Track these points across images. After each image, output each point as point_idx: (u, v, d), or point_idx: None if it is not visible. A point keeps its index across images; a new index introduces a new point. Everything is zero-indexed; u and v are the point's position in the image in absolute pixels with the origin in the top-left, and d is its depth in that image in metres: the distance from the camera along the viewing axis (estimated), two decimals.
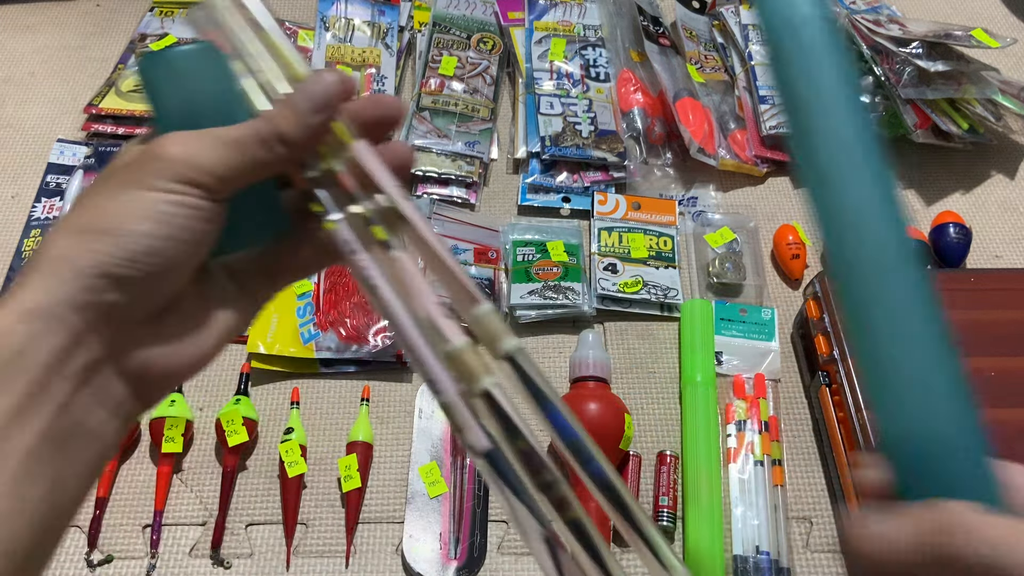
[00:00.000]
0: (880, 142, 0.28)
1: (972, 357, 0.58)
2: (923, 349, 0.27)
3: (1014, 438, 0.55)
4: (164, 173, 0.27)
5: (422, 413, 0.62)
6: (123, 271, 0.26)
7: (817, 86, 0.27)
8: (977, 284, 0.63)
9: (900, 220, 0.27)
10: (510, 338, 0.29)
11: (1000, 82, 0.78)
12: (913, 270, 0.27)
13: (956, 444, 0.26)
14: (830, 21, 0.28)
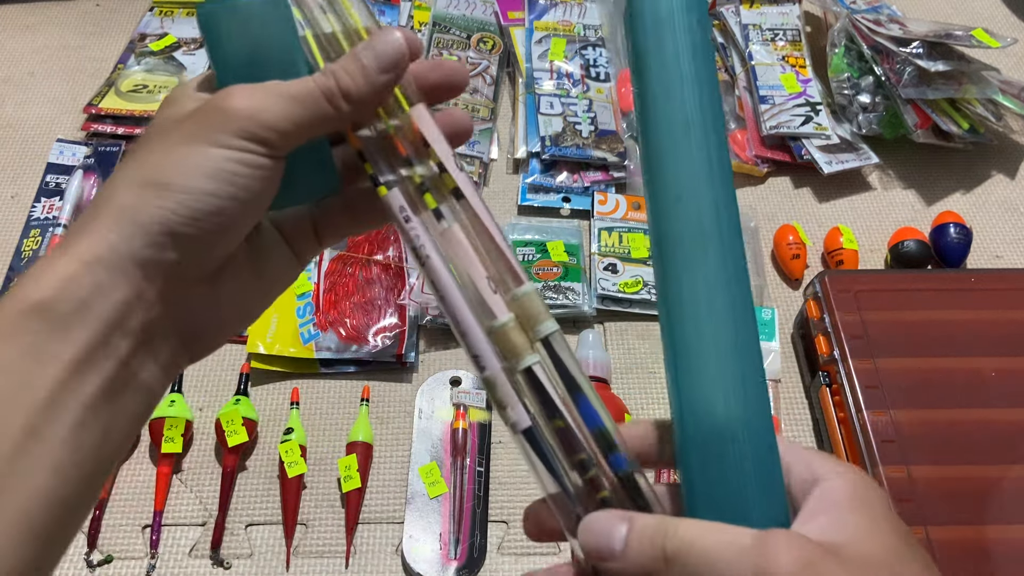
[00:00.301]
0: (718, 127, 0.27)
1: (973, 357, 0.59)
2: (715, 332, 0.27)
3: (1015, 438, 0.55)
4: (229, 128, 0.26)
5: (422, 413, 0.62)
6: (186, 229, 0.26)
7: (661, 58, 0.27)
8: (977, 284, 0.63)
9: (718, 205, 0.27)
10: (549, 321, 0.29)
11: (1000, 82, 0.78)
12: (720, 258, 0.27)
13: (738, 428, 0.26)
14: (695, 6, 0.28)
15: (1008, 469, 0.54)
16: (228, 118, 0.26)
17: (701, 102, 0.27)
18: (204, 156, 0.26)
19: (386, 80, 0.28)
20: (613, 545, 0.26)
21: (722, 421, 0.26)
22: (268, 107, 0.26)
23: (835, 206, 0.78)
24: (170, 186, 0.25)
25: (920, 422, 0.56)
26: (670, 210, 0.27)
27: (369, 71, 0.28)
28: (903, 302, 0.62)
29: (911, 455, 0.55)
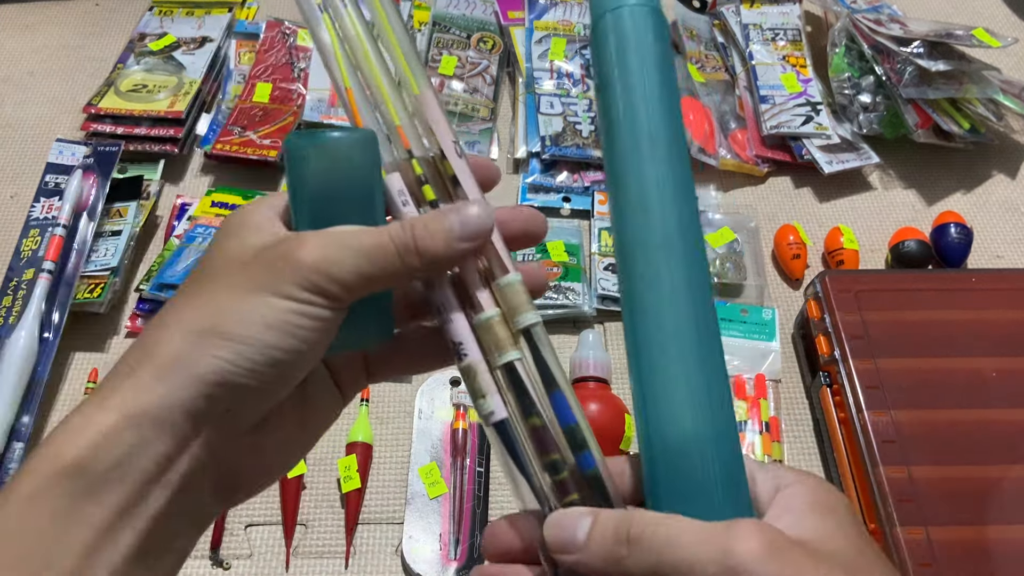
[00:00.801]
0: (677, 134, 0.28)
1: (973, 357, 0.58)
2: (678, 347, 0.26)
3: (1015, 439, 0.55)
4: (296, 279, 0.25)
5: (422, 413, 0.62)
6: (243, 380, 0.25)
7: (625, 77, 0.28)
8: (978, 284, 0.63)
9: (680, 215, 0.27)
10: (530, 313, 0.28)
11: (1001, 82, 0.78)
12: (684, 269, 0.27)
13: (705, 438, 0.26)
14: (654, 11, 0.28)
15: (1009, 469, 0.54)
16: (296, 269, 0.25)
17: (664, 117, 0.28)
18: (268, 307, 0.25)
19: (465, 249, 0.27)
20: (577, 536, 0.25)
21: (688, 432, 0.26)
22: (338, 260, 0.26)
23: (836, 206, 0.77)
24: (230, 336, 0.25)
25: (921, 422, 0.56)
26: (634, 221, 0.27)
27: (452, 236, 0.27)
28: (904, 302, 0.62)
29: (912, 455, 0.54)
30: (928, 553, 0.51)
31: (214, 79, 0.82)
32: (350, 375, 0.31)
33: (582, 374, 0.62)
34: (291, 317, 0.25)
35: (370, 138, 0.28)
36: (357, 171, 0.28)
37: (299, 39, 0.85)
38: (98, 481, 0.23)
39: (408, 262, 0.26)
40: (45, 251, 0.67)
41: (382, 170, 0.29)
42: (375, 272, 0.26)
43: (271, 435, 0.28)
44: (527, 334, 0.28)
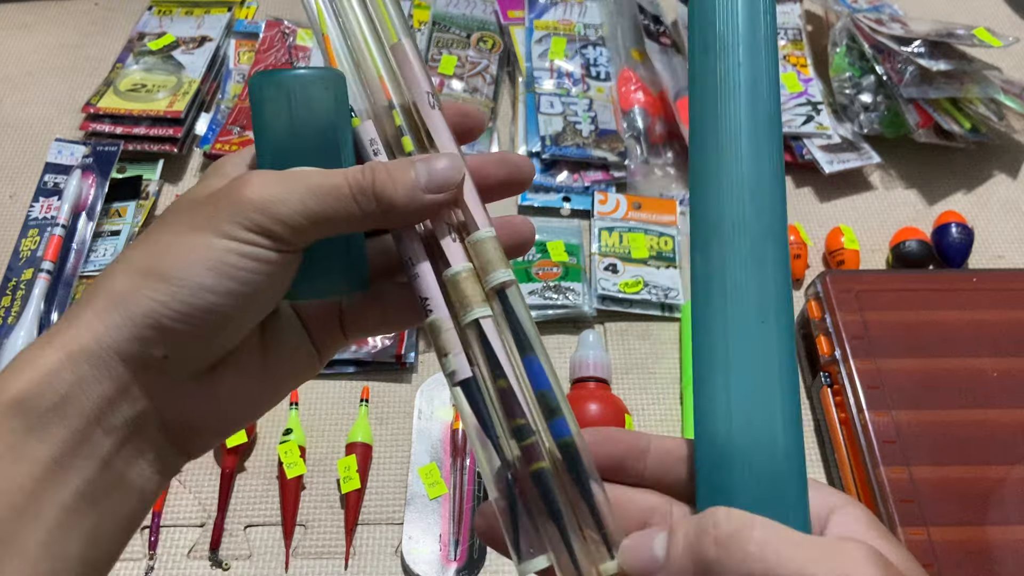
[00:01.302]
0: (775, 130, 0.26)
1: (974, 357, 0.58)
2: (775, 348, 0.25)
3: (1017, 439, 0.55)
4: (238, 218, 0.24)
5: (421, 414, 0.62)
6: (176, 325, 0.24)
7: (753, 44, 0.26)
8: (979, 284, 0.63)
9: (784, 204, 0.26)
10: (503, 269, 0.27)
11: (1002, 81, 0.78)
12: (779, 259, 0.26)
13: (785, 448, 0.25)
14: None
15: (1010, 470, 0.54)
16: (238, 207, 0.24)
17: (777, 98, 0.26)
18: (207, 247, 0.24)
19: (430, 201, 0.26)
20: (656, 553, 0.23)
21: (766, 445, 0.25)
22: (283, 198, 0.24)
23: (836, 206, 0.77)
24: (166, 276, 0.24)
25: (922, 422, 0.56)
26: (741, 204, 0.25)
27: (416, 186, 0.25)
28: (905, 302, 0.61)
29: (913, 456, 0.54)
30: (929, 553, 0.51)
31: (213, 78, 0.82)
32: (324, 329, 0.30)
33: (582, 374, 0.61)
34: (231, 258, 0.24)
35: (333, 77, 0.27)
36: (319, 111, 0.27)
37: (298, 39, 0.85)
38: (41, 418, 0.23)
39: (364, 207, 0.25)
40: (44, 251, 0.67)
41: (352, 115, 0.27)
42: (325, 213, 0.25)
43: (224, 383, 0.27)
44: (500, 294, 0.27)
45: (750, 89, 0.26)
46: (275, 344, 0.28)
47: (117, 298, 0.24)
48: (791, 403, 0.25)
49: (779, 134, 0.26)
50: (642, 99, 0.80)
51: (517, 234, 0.29)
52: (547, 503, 0.26)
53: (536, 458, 0.26)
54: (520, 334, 0.27)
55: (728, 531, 0.22)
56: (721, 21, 0.26)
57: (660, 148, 0.79)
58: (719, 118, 0.26)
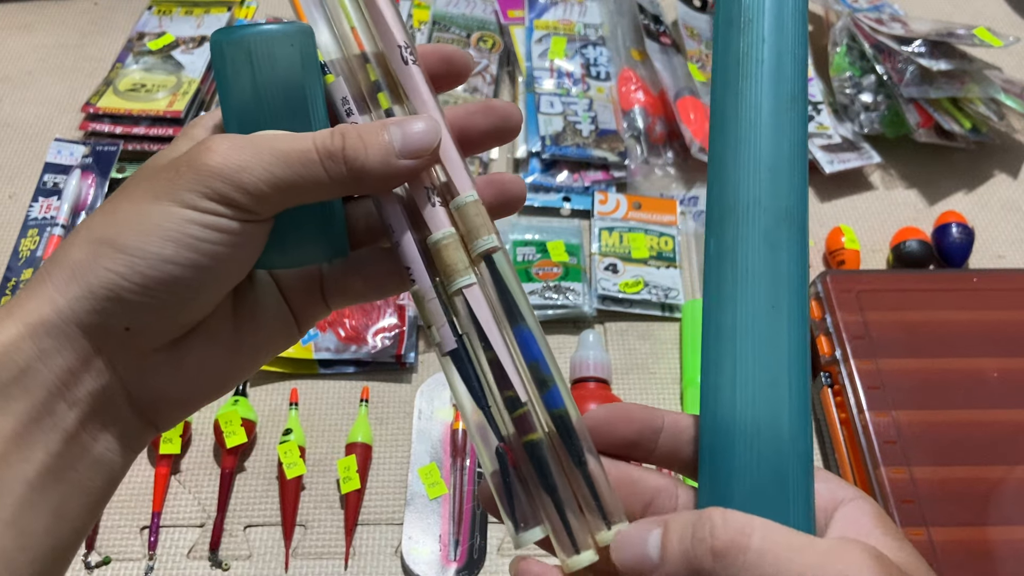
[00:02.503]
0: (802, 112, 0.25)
1: (975, 358, 0.58)
2: (784, 332, 0.24)
3: (1017, 439, 0.55)
4: (198, 186, 0.23)
5: (421, 414, 0.62)
6: (135, 297, 0.23)
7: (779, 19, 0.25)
8: (980, 284, 0.63)
9: (804, 187, 0.25)
10: (488, 236, 0.26)
11: (1003, 81, 0.78)
12: (798, 243, 0.25)
13: (792, 432, 0.24)
14: None
15: (1010, 470, 0.54)
16: (199, 175, 0.23)
17: (804, 76, 0.25)
18: (166, 216, 0.23)
19: (405, 167, 0.24)
20: (649, 552, 0.23)
21: (772, 422, 0.24)
22: (247, 165, 0.23)
23: (837, 206, 0.77)
24: (124, 247, 0.23)
25: (922, 423, 0.56)
26: (760, 184, 0.25)
27: (389, 150, 0.24)
28: (905, 302, 0.61)
29: (913, 456, 0.54)
30: (930, 554, 0.51)
31: (213, 78, 0.82)
32: (304, 298, 0.29)
33: (582, 374, 0.61)
34: (191, 228, 0.23)
35: (296, 31, 0.25)
36: (284, 69, 0.25)
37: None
38: (1, 391, 0.22)
39: (333, 173, 0.24)
40: (43, 251, 0.67)
41: (325, 72, 0.26)
42: (291, 180, 0.23)
43: (192, 355, 0.26)
44: (487, 260, 0.26)
45: (774, 66, 0.25)
46: (249, 314, 0.27)
47: (76, 269, 0.23)
48: (799, 389, 0.25)
49: (803, 114, 0.25)
50: (642, 99, 0.80)
51: (506, 192, 0.28)
52: (541, 475, 0.25)
53: (528, 430, 0.25)
54: (510, 302, 0.26)
55: (725, 540, 0.21)
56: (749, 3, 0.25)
57: (660, 148, 0.79)
58: (739, 95, 0.25)
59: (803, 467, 0.24)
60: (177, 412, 0.27)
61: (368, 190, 0.26)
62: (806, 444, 0.25)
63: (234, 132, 0.25)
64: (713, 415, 0.25)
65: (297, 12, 0.27)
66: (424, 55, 0.27)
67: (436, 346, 0.26)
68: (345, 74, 0.27)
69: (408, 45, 0.26)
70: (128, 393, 0.25)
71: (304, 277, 0.29)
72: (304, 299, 0.29)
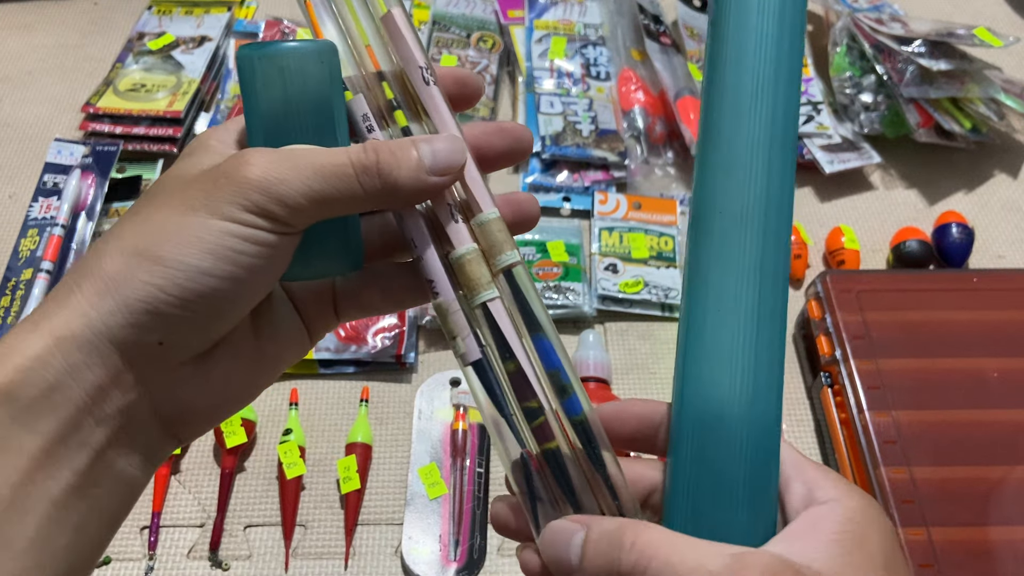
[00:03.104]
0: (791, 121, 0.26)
1: (975, 358, 0.58)
2: (738, 312, 0.25)
3: (1017, 439, 0.55)
4: (238, 199, 0.23)
5: (421, 414, 0.62)
6: (174, 311, 0.23)
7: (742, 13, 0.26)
8: (980, 284, 0.63)
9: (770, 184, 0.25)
10: (510, 252, 0.27)
11: (1003, 81, 0.78)
12: (760, 241, 0.25)
13: (745, 418, 0.25)
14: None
15: (1010, 470, 0.54)
16: (239, 187, 0.23)
17: (777, 69, 0.25)
18: (205, 229, 0.23)
19: (434, 184, 0.25)
20: (570, 557, 0.24)
21: (729, 408, 0.25)
22: (286, 178, 0.23)
23: (837, 206, 0.77)
24: (162, 259, 0.23)
25: (922, 423, 0.56)
26: (717, 180, 0.25)
27: (420, 166, 0.25)
28: (905, 302, 0.61)
29: (913, 456, 0.54)
30: (930, 554, 0.51)
31: (213, 78, 0.82)
32: (316, 310, 0.29)
33: (582, 374, 0.61)
34: (230, 241, 0.23)
35: (325, 48, 0.26)
36: (312, 85, 0.26)
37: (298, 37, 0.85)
38: (29, 408, 0.22)
39: (368, 187, 0.24)
40: (43, 251, 0.67)
41: (344, 88, 0.27)
42: (329, 194, 0.24)
43: (218, 368, 0.26)
44: (507, 274, 0.27)
45: (735, 63, 0.26)
46: (267, 326, 0.27)
47: (110, 282, 0.23)
48: (766, 381, 0.25)
49: (771, 108, 0.25)
50: (642, 99, 0.80)
51: (522, 211, 0.29)
52: (561, 482, 0.26)
53: (548, 438, 0.26)
54: (529, 314, 0.27)
55: (631, 562, 0.23)
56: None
57: (660, 148, 0.79)
58: (708, 96, 0.26)
59: (764, 457, 0.25)
60: (203, 424, 0.27)
61: (397, 205, 0.26)
62: (770, 437, 0.25)
63: (259, 145, 0.25)
64: (679, 401, 0.26)
65: (315, 30, 0.28)
66: (440, 77, 0.28)
67: (460, 356, 0.27)
68: (364, 91, 0.27)
69: (428, 66, 0.27)
70: (155, 408, 0.25)
71: (317, 291, 0.29)
72: (316, 310, 0.29)
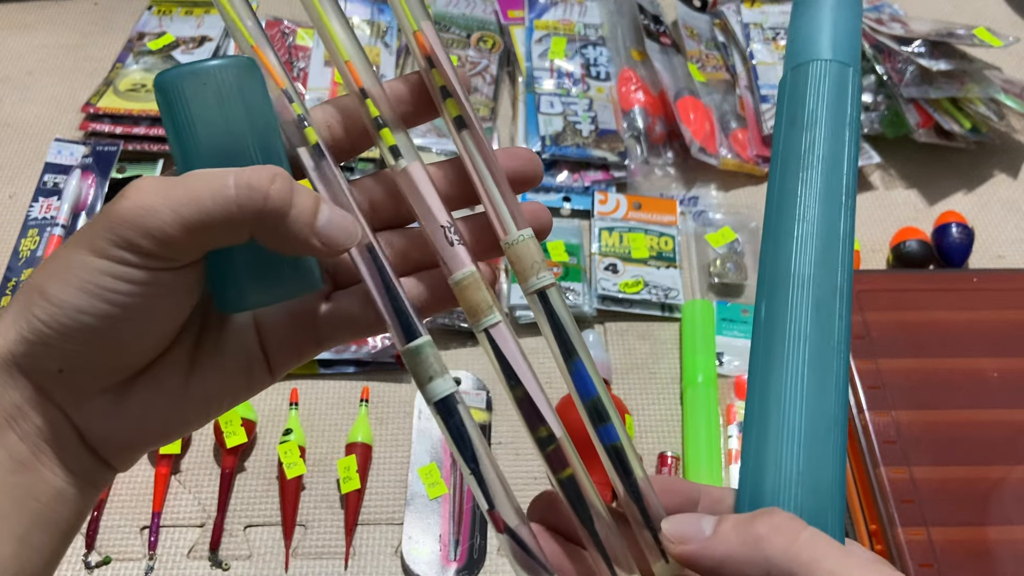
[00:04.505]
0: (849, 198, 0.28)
1: (975, 358, 0.58)
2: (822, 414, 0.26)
3: (1017, 439, 0.55)
4: (109, 234, 0.22)
5: (421, 414, 0.62)
6: (61, 343, 0.23)
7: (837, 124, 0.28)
8: (980, 284, 0.63)
9: (850, 272, 0.28)
10: (543, 273, 0.26)
11: (1003, 81, 0.78)
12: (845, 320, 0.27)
13: (822, 494, 0.25)
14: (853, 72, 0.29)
15: (1010, 470, 0.54)
16: (110, 221, 0.22)
17: (855, 173, 0.29)
18: (82, 266, 0.22)
19: (315, 247, 0.23)
20: (703, 527, 0.24)
21: (815, 476, 0.25)
22: (154, 208, 0.22)
23: None
24: (47, 295, 0.23)
25: (922, 423, 0.56)
26: (813, 267, 0.27)
27: (312, 221, 0.23)
28: (905, 302, 0.61)
29: (913, 456, 0.54)
30: (929, 554, 0.51)
31: None
32: (288, 339, 0.27)
33: None
34: (101, 279, 0.22)
35: (233, 65, 0.24)
36: (223, 107, 0.24)
37: (298, 38, 0.85)
38: None
39: (246, 209, 0.22)
40: (44, 251, 0.67)
41: (272, 110, 0.25)
42: (202, 220, 0.22)
43: (135, 400, 0.25)
44: (543, 296, 0.26)
45: (830, 163, 0.28)
46: (207, 362, 0.26)
47: (15, 313, 0.23)
48: (839, 448, 0.26)
49: (853, 206, 0.28)
50: (642, 99, 0.80)
51: (536, 220, 0.28)
52: (578, 509, 0.26)
53: (564, 465, 0.26)
54: (565, 338, 0.26)
55: (779, 522, 0.23)
56: (811, 98, 0.29)
57: (660, 148, 0.79)
58: (800, 183, 0.28)
59: (839, 523, 0.26)
60: (128, 453, 0.26)
61: (281, 247, 0.24)
62: (842, 502, 0.26)
63: (180, 171, 0.24)
64: (757, 468, 0.26)
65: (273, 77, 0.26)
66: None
67: (433, 405, 0.25)
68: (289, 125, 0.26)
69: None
70: (78, 431, 0.25)
71: (294, 315, 0.27)
72: (288, 339, 0.27)
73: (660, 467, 0.60)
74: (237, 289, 0.25)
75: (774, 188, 0.29)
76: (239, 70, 0.24)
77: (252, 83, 0.25)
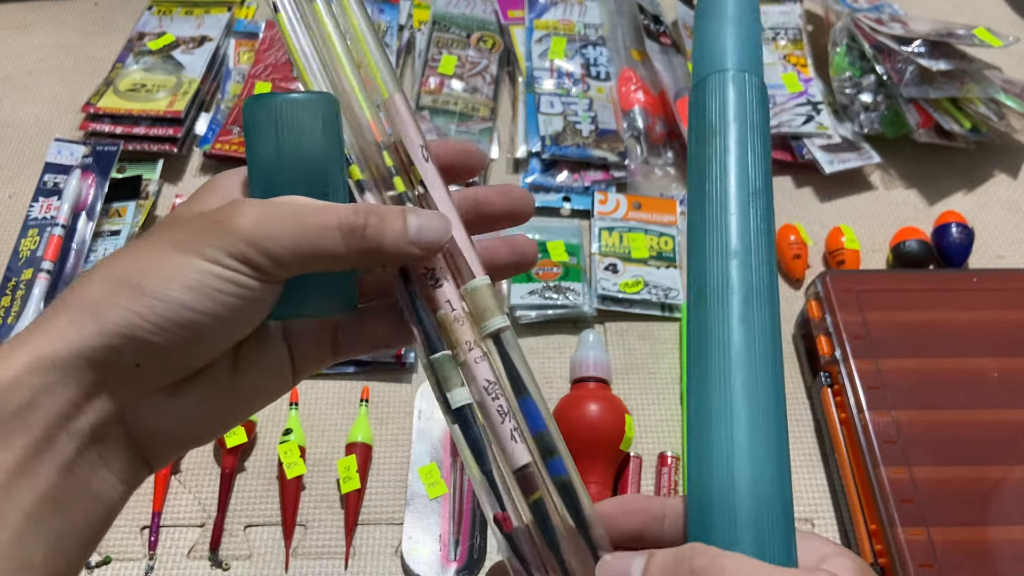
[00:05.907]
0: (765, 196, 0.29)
1: (975, 358, 0.58)
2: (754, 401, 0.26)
3: (1017, 439, 0.55)
4: (224, 244, 0.24)
5: (422, 414, 0.62)
6: (151, 337, 0.24)
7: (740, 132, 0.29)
8: (979, 284, 0.63)
9: (772, 274, 0.28)
10: (497, 317, 0.28)
11: (1003, 81, 0.78)
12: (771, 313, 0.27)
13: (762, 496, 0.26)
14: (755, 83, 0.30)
15: (1010, 470, 0.54)
16: (228, 234, 0.25)
17: (765, 174, 0.29)
18: (188, 266, 0.24)
19: (414, 254, 0.27)
20: (632, 573, 0.25)
21: (755, 479, 0.26)
22: (274, 234, 0.25)
23: (836, 206, 0.77)
24: (143, 289, 0.24)
25: (922, 423, 0.56)
26: (726, 266, 0.28)
27: (404, 236, 0.26)
28: (905, 302, 0.61)
29: (913, 456, 0.54)
30: (929, 554, 0.51)
31: (213, 78, 0.82)
32: (313, 346, 0.30)
33: (582, 374, 0.61)
34: (212, 281, 0.24)
35: (323, 100, 0.27)
36: (309, 136, 0.27)
37: None
38: (4, 424, 0.23)
39: (351, 248, 0.26)
40: (44, 251, 0.67)
41: (342, 141, 0.28)
42: (312, 251, 0.25)
43: (192, 396, 0.27)
44: (496, 339, 0.28)
45: (737, 169, 0.28)
46: (248, 364, 0.29)
47: (92, 305, 0.24)
48: (776, 447, 0.26)
49: (767, 206, 0.28)
50: (642, 99, 0.80)
51: (519, 254, 0.30)
52: (544, 531, 0.27)
53: (534, 488, 0.27)
54: (515, 376, 0.28)
55: (703, 563, 0.23)
56: (713, 109, 0.29)
57: (660, 148, 0.79)
58: (707, 194, 0.29)
59: (785, 524, 0.26)
60: (171, 451, 0.28)
61: (377, 265, 0.28)
62: (785, 502, 0.26)
63: (258, 191, 0.27)
64: (697, 479, 0.27)
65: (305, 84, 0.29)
66: (444, 147, 0.30)
67: (445, 408, 0.28)
68: (360, 157, 0.29)
69: (425, 144, 0.29)
70: (127, 429, 0.26)
71: (317, 328, 0.30)
72: (310, 348, 0.30)
73: (660, 467, 0.60)
74: (292, 302, 0.27)
75: (691, 200, 0.30)
76: (332, 103, 0.27)
77: (339, 115, 0.28)
